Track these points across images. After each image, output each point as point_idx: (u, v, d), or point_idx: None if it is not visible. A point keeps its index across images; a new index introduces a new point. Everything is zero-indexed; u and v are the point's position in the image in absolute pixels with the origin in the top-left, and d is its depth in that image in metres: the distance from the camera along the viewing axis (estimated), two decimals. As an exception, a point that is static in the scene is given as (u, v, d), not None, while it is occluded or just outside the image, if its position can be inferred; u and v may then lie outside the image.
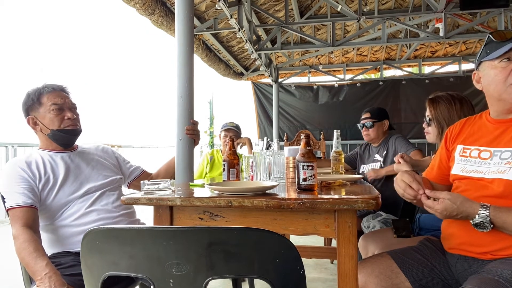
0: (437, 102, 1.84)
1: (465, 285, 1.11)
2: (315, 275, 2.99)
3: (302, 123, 7.38)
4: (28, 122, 1.65)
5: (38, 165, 1.59)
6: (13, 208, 1.46)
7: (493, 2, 4.17)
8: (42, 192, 1.55)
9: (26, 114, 1.66)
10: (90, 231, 0.78)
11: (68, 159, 1.68)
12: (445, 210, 1.14)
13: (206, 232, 0.74)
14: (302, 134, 1.30)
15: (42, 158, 1.63)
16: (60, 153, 1.68)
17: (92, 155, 1.77)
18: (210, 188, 1.31)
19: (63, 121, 1.64)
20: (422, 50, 6.82)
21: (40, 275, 1.30)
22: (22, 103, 1.66)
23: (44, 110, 1.62)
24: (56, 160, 1.65)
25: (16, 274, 1.55)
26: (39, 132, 1.67)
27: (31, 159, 1.60)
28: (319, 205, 1.08)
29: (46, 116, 1.62)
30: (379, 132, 2.70)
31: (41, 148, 1.69)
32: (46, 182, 1.56)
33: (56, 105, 1.63)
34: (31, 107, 1.64)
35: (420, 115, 2.17)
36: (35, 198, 1.51)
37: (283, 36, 5.84)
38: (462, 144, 1.37)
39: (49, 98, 1.63)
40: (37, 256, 1.35)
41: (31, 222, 1.45)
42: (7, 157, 5.76)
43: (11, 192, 1.49)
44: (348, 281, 1.08)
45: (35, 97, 1.63)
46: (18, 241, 1.40)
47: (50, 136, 1.65)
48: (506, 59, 1.20)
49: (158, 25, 3.89)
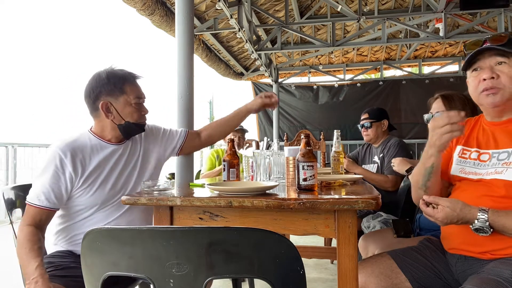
0: (453, 100, 1.81)
1: (465, 285, 1.11)
2: (315, 275, 2.99)
3: (302, 123, 7.39)
4: (101, 106, 1.50)
5: (85, 156, 1.48)
6: (28, 204, 1.42)
7: (493, 2, 4.17)
8: (77, 188, 1.47)
9: (97, 97, 1.51)
10: (90, 231, 0.78)
11: (117, 154, 1.57)
12: (446, 218, 1.15)
13: (206, 232, 0.74)
14: (302, 134, 1.30)
15: (92, 148, 1.51)
16: (112, 146, 1.56)
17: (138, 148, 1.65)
18: (210, 188, 1.31)
19: (140, 116, 1.56)
20: (422, 50, 6.82)
21: (29, 278, 1.28)
22: (95, 83, 1.51)
23: (125, 100, 1.51)
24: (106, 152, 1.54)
25: (16, 274, 1.55)
26: (105, 118, 1.53)
27: (80, 147, 1.48)
28: (319, 205, 1.08)
29: (125, 107, 1.52)
30: (378, 132, 2.69)
31: (95, 134, 1.56)
32: (87, 178, 1.48)
33: (139, 99, 1.55)
34: (110, 91, 1.50)
35: (420, 115, 2.17)
36: (58, 201, 1.43)
37: (283, 36, 5.84)
38: (461, 145, 1.37)
39: (133, 90, 1.54)
40: (31, 257, 1.32)
41: (39, 221, 1.41)
42: (7, 157, 5.76)
43: (38, 184, 1.42)
44: (348, 281, 1.09)
45: (118, 83, 1.51)
46: (19, 237, 1.38)
47: (120, 127, 1.54)
48: (475, 70, 1.29)
49: (158, 25, 3.89)
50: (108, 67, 1.56)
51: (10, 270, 3.05)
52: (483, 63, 1.26)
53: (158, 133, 1.76)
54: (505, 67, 1.23)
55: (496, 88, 1.23)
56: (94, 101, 1.52)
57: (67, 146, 1.46)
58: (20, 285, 1.52)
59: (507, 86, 1.22)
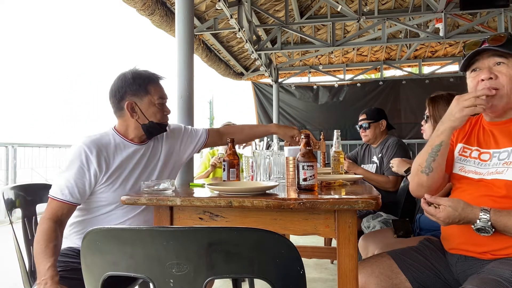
0: (436, 101, 1.86)
1: (465, 285, 1.11)
2: (315, 275, 2.99)
3: (302, 123, 7.38)
4: (126, 106, 1.54)
5: (109, 154, 1.51)
6: (51, 198, 1.44)
7: (493, 2, 4.17)
8: (100, 184, 1.49)
9: (122, 97, 1.55)
10: (90, 231, 0.78)
11: (139, 154, 1.60)
12: (448, 218, 1.15)
13: (206, 232, 0.74)
14: (302, 134, 1.30)
15: (116, 146, 1.54)
16: (135, 146, 1.59)
17: (160, 149, 1.68)
18: (210, 188, 1.31)
19: (163, 116, 1.60)
20: (422, 50, 6.82)
21: (39, 278, 1.30)
22: (121, 83, 1.55)
23: (149, 100, 1.55)
24: (129, 152, 1.57)
25: (16, 274, 1.55)
26: (130, 118, 1.56)
27: (105, 145, 1.51)
28: (319, 205, 1.08)
29: (150, 107, 1.56)
30: (377, 133, 2.70)
31: (118, 133, 1.59)
32: (110, 176, 1.50)
33: (162, 99, 1.59)
34: (135, 92, 1.54)
35: (420, 115, 2.19)
36: (81, 196, 1.46)
37: (283, 36, 5.84)
38: (462, 143, 1.37)
39: (157, 90, 1.57)
40: (44, 255, 1.33)
41: (60, 216, 1.42)
42: (7, 157, 5.76)
43: (62, 179, 1.44)
44: (348, 281, 1.09)
45: (143, 83, 1.55)
46: (38, 229, 1.39)
47: (144, 126, 1.57)
48: (473, 70, 1.29)
49: (158, 25, 3.89)
50: (133, 68, 1.61)
51: (10, 270, 3.05)
52: (482, 64, 1.27)
53: (179, 132, 1.80)
54: (504, 68, 1.23)
55: (496, 88, 1.23)
56: (119, 101, 1.56)
57: (93, 143, 1.49)
58: (20, 285, 1.52)
59: (506, 87, 1.23)
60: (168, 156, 1.71)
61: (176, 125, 1.82)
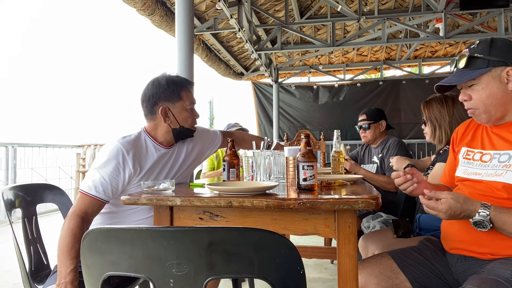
0: (430, 103, 1.90)
1: (465, 285, 1.11)
2: (315, 275, 2.99)
3: (302, 123, 7.39)
4: (160, 111, 1.58)
5: (143, 156, 1.55)
6: (82, 193, 1.44)
7: (493, 2, 4.18)
8: (133, 184, 1.52)
9: (156, 102, 1.59)
10: (90, 231, 0.78)
11: (166, 157, 1.65)
12: (450, 209, 1.12)
13: (206, 232, 0.74)
14: (302, 134, 1.30)
15: (147, 149, 1.59)
16: (163, 149, 1.64)
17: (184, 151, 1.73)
18: (210, 188, 1.31)
19: (193, 121, 1.66)
20: (422, 50, 6.82)
21: (59, 280, 1.30)
22: (155, 89, 1.59)
23: (182, 106, 1.60)
24: (159, 154, 1.61)
25: (16, 274, 1.55)
26: (162, 123, 1.60)
27: (139, 147, 1.55)
28: (319, 205, 1.08)
29: (182, 113, 1.61)
30: (376, 133, 2.69)
31: (149, 135, 1.63)
32: (142, 177, 1.53)
33: (193, 105, 1.64)
34: (168, 97, 1.58)
35: (420, 115, 2.19)
36: (113, 194, 1.48)
37: (283, 36, 5.85)
38: (466, 147, 1.37)
39: (188, 96, 1.62)
40: (68, 256, 1.33)
41: (89, 212, 1.43)
42: (7, 157, 5.76)
43: (97, 176, 1.45)
44: (348, 281, 1.09)
45: (176, 89, 1.60)
46: (65, 224, 1.39)
47: (174, 131, 1.62)
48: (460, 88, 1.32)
49: (158, 25, 3.90)
50: (165, 74, 1.64)
51: (10, 270, 3.05)
52: (459, 85, 1.30)
53: (205, 134, 1.88)
54: (475, 88, 1.25)
55: (472, 109, 1.27)
56: (153, 106, 1.60)
57: (129, 144, 1.52)
58: (20, 285, 1.52)
59: (481, 107, 1.25)
60: (191, 156, 1.77)
61: (200, 127, 1.84)
